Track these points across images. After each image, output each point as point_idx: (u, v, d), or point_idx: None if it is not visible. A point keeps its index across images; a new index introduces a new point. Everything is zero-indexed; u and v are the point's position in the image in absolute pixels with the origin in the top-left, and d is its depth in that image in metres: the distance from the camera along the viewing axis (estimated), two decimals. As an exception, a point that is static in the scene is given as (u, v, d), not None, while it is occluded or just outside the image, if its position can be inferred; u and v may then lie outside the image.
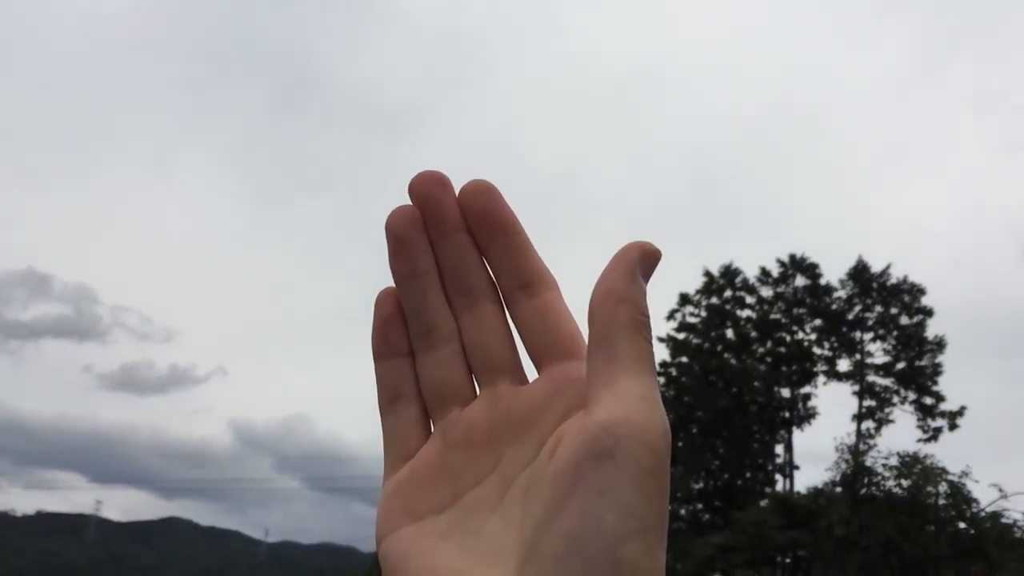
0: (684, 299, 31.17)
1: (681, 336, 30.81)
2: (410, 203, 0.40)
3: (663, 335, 30.86)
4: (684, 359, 30.32)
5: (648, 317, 0.37)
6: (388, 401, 0.42)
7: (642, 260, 0.37)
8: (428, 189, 0.39)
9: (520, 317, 0.40)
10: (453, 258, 0.40)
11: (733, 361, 29.93)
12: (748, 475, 29.47)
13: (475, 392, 0.41)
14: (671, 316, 31.15)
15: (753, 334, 30.39)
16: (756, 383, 29.41)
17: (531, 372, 0.40)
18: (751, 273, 31.01)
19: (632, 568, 0.31)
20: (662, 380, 30.40)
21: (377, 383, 0.42)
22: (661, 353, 30.78)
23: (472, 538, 0.37)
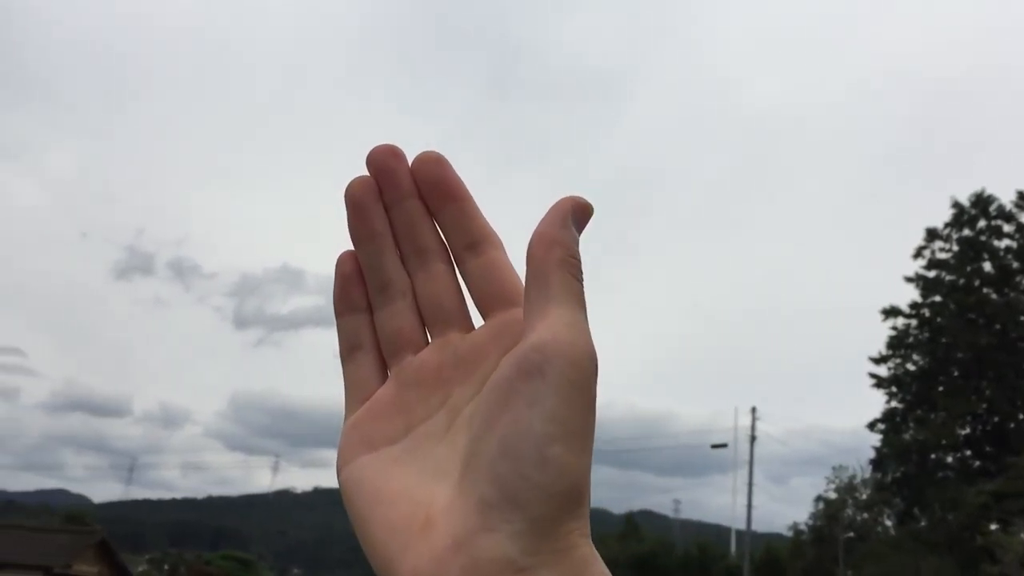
0: (931, 234, 29.30)
1: (931, 274, 29.00)
2: (367, 173, 0.43)
3: (911, 275, 29.11)
4: (937, 298, 28.50)
5: (579, 260, 0.40)
6: (348, 351, 0.45)
7: (574, 211, 0.40)
8: (383, 160, 0.43)
9: (468, 273, 0.44)
10: (406, 221, 0.44)
11: (993, 296, 27.80)
12: (1021, 417, 27.29)
13: (428, 341, 0.45)
14: (918, 254, 29.40)
15: (1014, 265, 28.03)
16: (1022, 317, 27.10)
17: (479, 323, 0.44)
18: (1007, 199, 28.54)
19: (558, 464, 0.35)
20: (914, 323, 28.73)
21: (338, 337, 0.46)
22: (911, 294, 29.04)
23: (421, 462, 0.41)
